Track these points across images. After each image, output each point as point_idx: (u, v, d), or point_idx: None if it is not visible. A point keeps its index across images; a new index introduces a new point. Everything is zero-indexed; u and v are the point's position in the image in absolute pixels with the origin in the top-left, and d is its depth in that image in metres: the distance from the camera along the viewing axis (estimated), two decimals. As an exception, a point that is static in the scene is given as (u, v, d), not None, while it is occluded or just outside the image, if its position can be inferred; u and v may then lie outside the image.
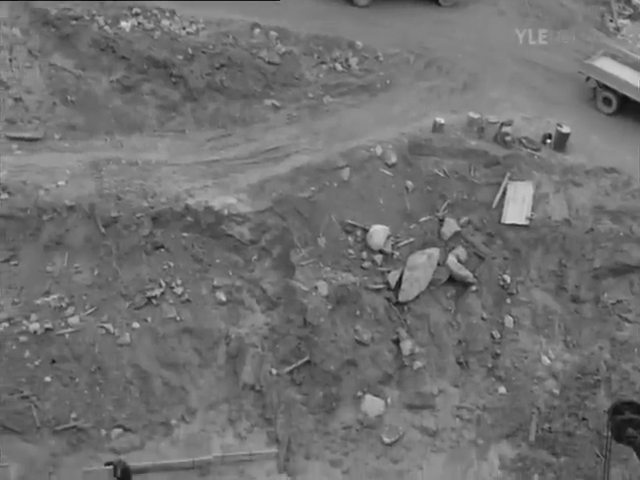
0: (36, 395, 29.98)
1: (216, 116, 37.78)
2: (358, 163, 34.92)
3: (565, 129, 36.50)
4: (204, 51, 38.09)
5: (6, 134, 35.34)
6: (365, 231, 34.00)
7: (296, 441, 31.19)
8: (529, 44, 41.61)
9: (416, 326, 33.41)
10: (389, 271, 33.73)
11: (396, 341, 33.22)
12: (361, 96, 38.72)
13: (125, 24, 38.14)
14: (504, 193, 35.31)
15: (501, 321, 33.89)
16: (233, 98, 38.01)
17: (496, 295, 34.13)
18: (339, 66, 39.43)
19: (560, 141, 36.56)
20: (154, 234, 32.80)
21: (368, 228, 33.98)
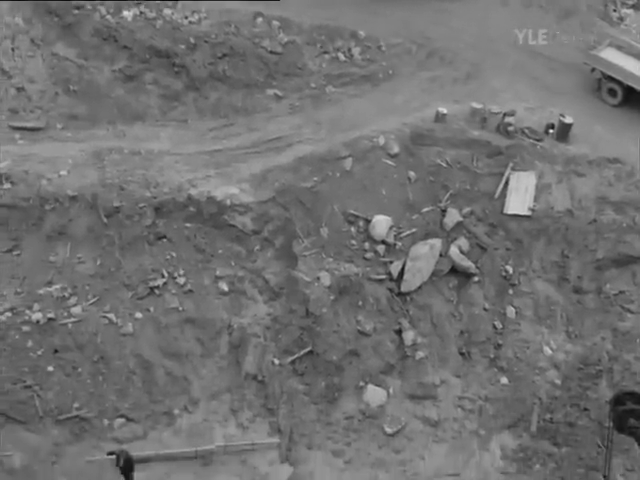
0: (39, 385, 30.03)
1: (218, 106, 37.77)
2: (360, 153, 34.88)
3: (568, 119, 36.44)
4: (206, 40, 38.09)
5: (9, 124, 35.43)
6: (367, 221, 33.98)
7: (298, 431, 31.24)
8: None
9: (418, 316, 33.44)
10: (391, 262, 33.73)
11: (398, 331, 33.25)
12: (363, 86, 38.68)
13: (127, 13, 38.15)
14: (506, 183, 35.28)
15: (503, 312, 33.91)
16: (235, 88, 38.00)
17: (498, 286, 34.14)
18: (342, 56, 39.40)
19: (563, 131, 36.50)
20: (156, 224, 32.81)
21: (370, 218, 33.97)
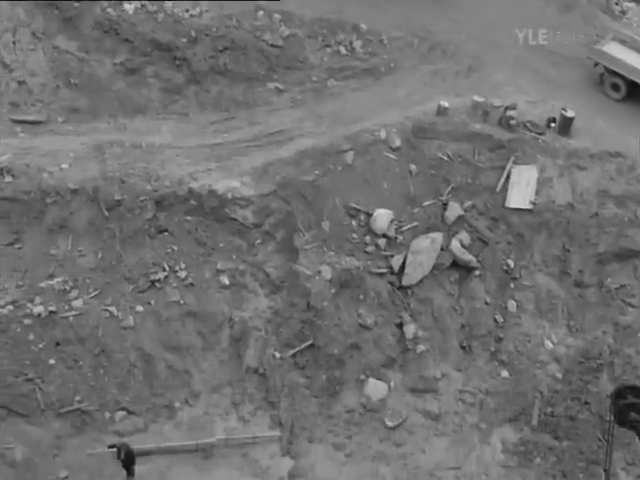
0: (40, 378, 30.08)
1: (219, 99, 37.72)
2: (362, 147, 34.85)
3: (570, 113, 36.39)
4: (207, 34, 38.03)
5: (10, 117, 35.41)
6: (369, 215, 33.97)
7: (299, 424, 31.27)
8: (534, 24, 41.32)
9: (419, 310, 33.45)
10: (392, 255, 33.73)
11: (399, 325, 33.28)
12: (365, 79, 38.65)
13: (128, 6, 38.09)
14: (508, 177, 35.25)
15: (504, 305, 33.92)
16: (236, 81, 37.96)
17: (499, 279, 34.15)
18: (343, 49, 39.34)
19: (565, 125, 36.46)
20: (158, 217, 32.81)
21: (372, 212, 33.95)
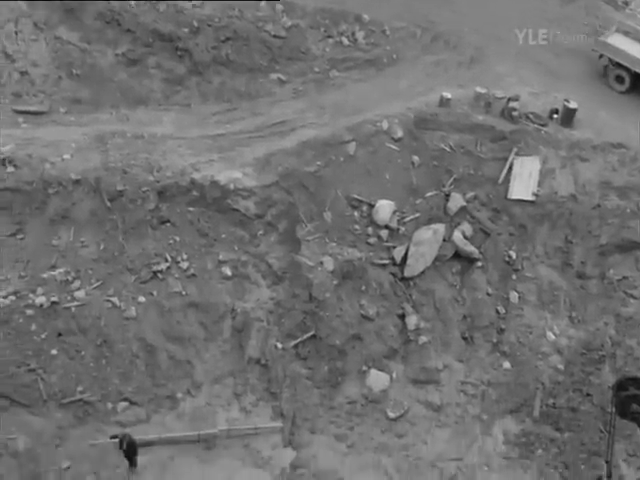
0: (43, 368, 30.13)
1: (222, 90, 37.68)
2: (364, 137, 34.83)
3: (572, 104, 36.32)
4: (209, 24, 37.94)
5: (12, 108, 35.36)
6: (371, 206, 33.96)
7: (301, 415, 31.32)
8: (536, 16, 41.20)
9: (421, 301, 33.47)
10: (395, 246, 33.73)
11: (401, 316, 33.30)
12: (368, 70, 38.58)
13: (130, -4, 38.02)
14: (510, 168, 35.22)
15: (506, 297, 33.92)
16: (239, 72, 37.91)
17: (501, 271, 34.14)
18: (345, 40, 39.24)
19: (567, 116, 36.40)
20: (160, 208, 32.81)
21: (374, 203, 33.94)
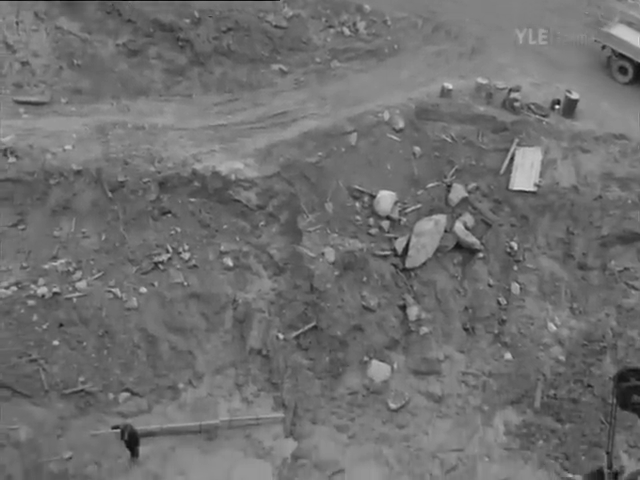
0: (44, 359, 30.14)
1: (223, 80, 37.64)
2: (365, 128, 34.80)
3: (574, 95, 36.26)
4: (211, 14, 37.84)
5: (13, 98, 35.33)
6: (372, 197, 33.94)
7: (302, 406, 31.36)
8: (538, 7, 41.09)
9: (422, 292, 33.48)
10: (396, 237, 33.73)
11: (402, 307, 33.32)
12: (369, 61, 38.52)
13: (131, -13, 37.91)
14: (512, 159, 35.19)
15: (508, 288, 33.93)
16: (240, 62, 37.87)
17: (503, 262, 34.14)
18: (347, 30, 39.18)
19: (569, 107, 36.34)
20: (161, 199, 32.80)
21: (375, 194, 33.92)
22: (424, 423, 31.80)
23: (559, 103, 36.47)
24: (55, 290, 30.73)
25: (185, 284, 31.92)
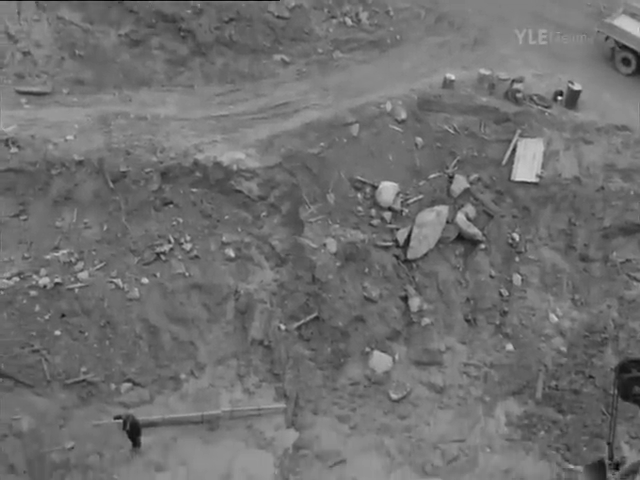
0: (46, 349, 30.20)
1: (225, 71, 37.58)
2: (368, 119, 34.75)
3: (576, 86, 36.20)
4: (212, 5, 37.72)
5: (15, 88, 35.26)
6: (374, 188, 33.91)
7: (304, 396, 31.41)
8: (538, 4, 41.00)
9: (424, 283, 33.49)
10: (398, 228, 33.72)
11: (404, 298, 33.33)
12: (371, 52, 38.45)
13: (133, -22, 37.80)
14: (514, 150, 35.16)
15: (509, 279, 33.93)
16: (242, 53, 37.78)
17: (505, 253, 34.14)
18: (349, 21, 39.10)
19: (571, 98, 36.28)
20: (163, 189, 32.79)
21: (377, 185, 33.89)
22: (425, 414, 31.86)
23: (562, 94, 36.41)
24: (57, 281, 30.75)
25: (187, 275, 31.93)
